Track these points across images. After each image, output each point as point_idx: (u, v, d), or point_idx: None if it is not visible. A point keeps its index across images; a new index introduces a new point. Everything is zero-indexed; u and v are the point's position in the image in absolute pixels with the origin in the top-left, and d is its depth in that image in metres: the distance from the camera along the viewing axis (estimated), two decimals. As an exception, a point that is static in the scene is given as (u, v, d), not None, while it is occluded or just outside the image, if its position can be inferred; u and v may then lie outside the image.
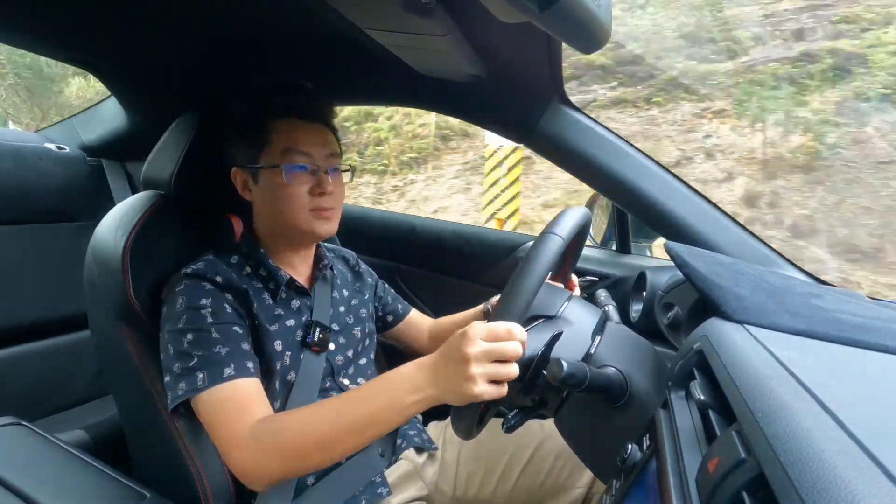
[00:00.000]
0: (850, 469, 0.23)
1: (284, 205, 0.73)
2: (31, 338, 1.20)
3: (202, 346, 0.65)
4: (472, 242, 1.23)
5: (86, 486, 0.62)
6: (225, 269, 0.72)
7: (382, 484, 0.77)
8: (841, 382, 0.36)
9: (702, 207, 0.82)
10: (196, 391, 0.64)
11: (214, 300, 0.69)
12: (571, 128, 0.84)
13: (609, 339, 0.61)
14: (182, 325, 0.66)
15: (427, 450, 0.85)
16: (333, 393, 0.78)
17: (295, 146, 0.73)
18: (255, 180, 0.75)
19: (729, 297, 0.52)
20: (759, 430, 0.29)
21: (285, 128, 0.74)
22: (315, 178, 0.74)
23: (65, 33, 0.92)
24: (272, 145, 0.73)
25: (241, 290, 0.72)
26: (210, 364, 0.64)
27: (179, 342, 0.66)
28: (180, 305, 0.68)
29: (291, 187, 0.72)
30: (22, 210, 1.19)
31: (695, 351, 0.47)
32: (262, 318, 0.72)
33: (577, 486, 0.81)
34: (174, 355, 0.66)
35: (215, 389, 0.64)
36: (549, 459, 0.83)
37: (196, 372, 0.64)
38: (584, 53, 0.55)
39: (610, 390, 0.55)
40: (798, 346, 0.45)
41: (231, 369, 0.65)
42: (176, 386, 0.65)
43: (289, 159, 0.72)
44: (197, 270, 0.71)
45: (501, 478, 0.83)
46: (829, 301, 0.53)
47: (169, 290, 0.70)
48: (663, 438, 0.41)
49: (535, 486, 0.82)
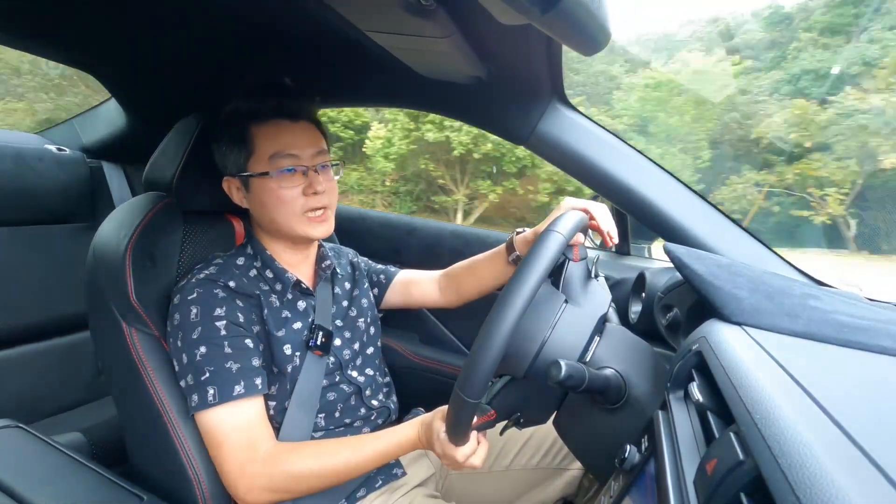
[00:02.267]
0: (848, 470, 0.23)
1: (278, 210, 0.73)
2: (29, 340, 1.19)
3: (214, 361, 0.67)
4: (470, 243, 1.23)
5: (83, 489, 0.62)
6: (236, 274, 0.73)
7: (397, 465, 0.80)
8: (839, 384, 0.36)
9: (701, 209, 0.82)
10: (206, 406, 0.66)
11: (228, 309, 0.69)
12: (571, 129, 0.84)
13: (608, 340, 0.61)
14: (196, 335, 0.67)
15: None
16: (343, 387, 0.79)
17: (282, 150, 0.72)
18: (246, 189, 0.75)
19: (727, 299, 0.52)
20: (758, 431, 0.29)
21: (271, 131, 0.72)
22: (306, 178, 0.73)
23: (65, 35, 0.92)
24: (259, 152, 0.72)
25: (252, 296, 0.72)
26: (221, 381, 0.66)
27: (193, 354, 0.67)
28: (195, 316, 0.68)
29: (283, 191, 0.72)
30: (22, 211, 1.19)
31: (693, 352, 0.47)
32: (271, 324, 0.73)
33: (572, 468, 0.85)
34: (187, 365, 0.67)
35: (224, 407, 0.66)
36: (546, 441, 0.87)
37: (207, 387, 0.66)
38: (584, 55, 0.55)
39: (608, 392, 0.55)
40: (796, 347, 0.45)
41: (241, 387, 0.67)
42: (192, 395, 0.67)
43: (277, 164, 0.71)
44: (210, 275, 0.71)
45: (498, 457, 0.87)
46: (827, 302, 0.54)
47: (182, 298, 0.69)
48: (662, 440, 0.41)
49: (532, 466, 0.86)
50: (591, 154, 0.83)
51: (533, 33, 0.68)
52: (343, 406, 0.80)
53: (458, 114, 0.97)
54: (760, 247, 0.81)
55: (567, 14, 0.43)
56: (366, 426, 0.82)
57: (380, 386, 0.86)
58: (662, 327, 0.76)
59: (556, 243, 0.55)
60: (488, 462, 0.86)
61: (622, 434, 0.54)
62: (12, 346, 1.16)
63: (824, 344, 0.46)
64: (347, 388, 0.80)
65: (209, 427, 0.66)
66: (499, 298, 0.51)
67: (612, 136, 0.85)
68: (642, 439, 0.46)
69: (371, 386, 0.84)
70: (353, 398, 0.81)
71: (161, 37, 0.88)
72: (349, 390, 0.80)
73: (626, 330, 0.66)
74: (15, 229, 1.18)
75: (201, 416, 0.66)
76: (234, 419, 0.66)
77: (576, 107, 0.86)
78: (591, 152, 0.83)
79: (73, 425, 1.14)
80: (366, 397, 0.82)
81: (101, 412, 1.23)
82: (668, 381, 0.49)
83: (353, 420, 0.80)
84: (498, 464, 0.87)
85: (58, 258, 1.24)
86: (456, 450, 0.61)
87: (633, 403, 0.56)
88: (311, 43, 0.88)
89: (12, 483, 0.59)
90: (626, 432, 0.53)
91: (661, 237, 0.84)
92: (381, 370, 0.89)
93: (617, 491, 0.46)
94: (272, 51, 0.92)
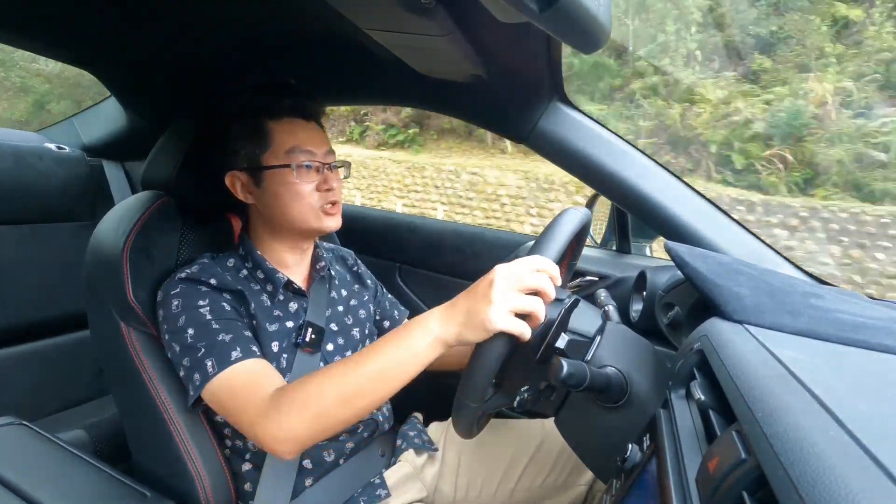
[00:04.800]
0: (850, 469, 0.23)
1: (293, 204, 0.73)
2: (32, 338, 1.20)
3: (205, 336, 0.65)
4: (472, 242, 1.23)
5: (86, 486, 0.62)
6: (220, 272, 0.72)
7: (381, 486, 0.76)
8: (841, 382, 0.36)
9: (702, 207, 0.82)
10: (208, 379, 0.63)
11: (212, 300, 0.69)
12: (571, 128, 0.84)
13: (609, 339, 0.61)
14: (182, 323, 0.66)
15: (427, 451, 0.84)
16: None
17: (300, 145, 0.73)
18: (256, 183, 0.75)
19: (729, 297, 0.52)
20: (760, 429, 0.29)
21: (288, 127, 0.74)
22: (320, 175, 0.75)
23: (64, 33, 0.92)
24: (275, 146, 0.73)
25: (236, 291, 0.72)
26: (216, 351, 0.65)
27: (182, 339, 0.66)
28: (177, 307, 0.67)
29: (300, 185, 0.72)
30: (22, 210, 1.19)
31: (695, 351, 0.47)
32: (261, 318, 0.72)
33: (578, 485, 0.81)
34: (181, 352, 0.66)
35: (226, 373, 0.63)
36: (550, 459, 0.82)
37: (205, 360, 0.64)
38: (583, 53, 0.55)
39: (610, 390, 0.56)
40: (798, 345, 0.45)
41: (238, 352, 0.65)
42: (192, 378, 0.65)
43: (296, 158, 0.72)
44: (191, 274, 0.70)
45: (503, 479, 0.83)
46: (828, 301, 0.53)
47: (164, 294, 0.70)
48: (663, 438, 0.41)
49: (536, 486, 0.82)
50: (591, 152, 0.83)
51: (532, 31, 0.68)
52: None
53: (458, 112, 0.97)
54: (761, 245, 0.81)
55: (565, 12, 0.43)
56: (350, 440, 0.78)
57: None
58: (664, 326, 0.76)
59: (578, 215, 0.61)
60: (492, 487, 0.82)
61: (624, 433, 0.54)
62: (15, 344, 1.17)
63: (826, 342, 0.46)
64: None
65: (217, 396, 0.64)
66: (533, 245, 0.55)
67: (613, 135, 0.85)
68: (644, 438, 0.46)
69: None
70: None
71: (161, 35, 0.88)
72: None
73: (628, 328, 0.66)
74: (16, 228, 1.19)
75: (207, 392, 0.64)
76: (238, 379, 0.64)
77: (576, 105, 0.86)
78: (592, 151, 0.83)
79: (77, 423, 1.15)
80: None
81: (104, 409, 1.23)
82: (670, 379, 0.49)
83: (338, 433, 0.75)
84: (502, 488, 0.83)
85: (59, 256, 1.24)
86: (529, 257, 0.54)
87: (634, 402, 0.56)
88: (311, 41, 0.88)
89: (16, 480, 0.59)
90: (628, 431, 0.54)
91: (662, 235, 0.84)
92: None
93: (618, 490, 0.46)
94: (271, 49, 0.92)
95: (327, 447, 0.75)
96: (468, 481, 0.83)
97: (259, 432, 0.60)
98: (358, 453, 0.79)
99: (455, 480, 0.83)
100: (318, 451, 0.74)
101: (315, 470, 0.74)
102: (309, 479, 0.73)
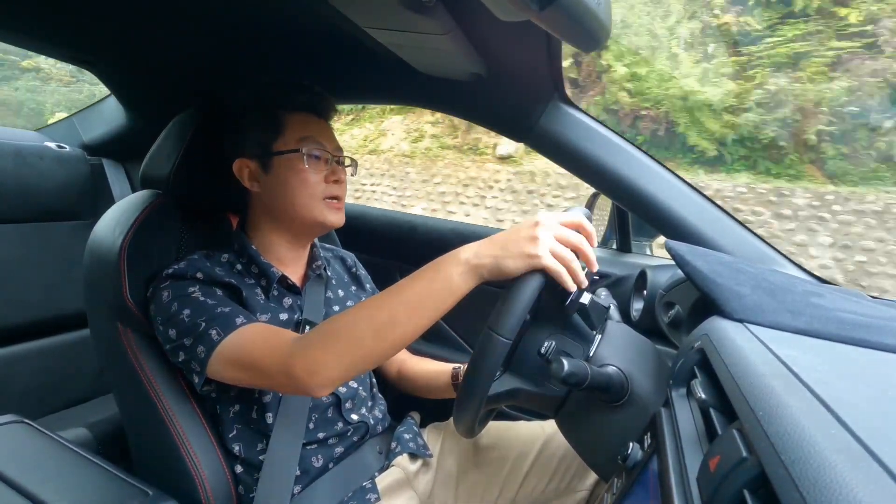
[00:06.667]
0: (852, 467, 0.23)
1: (300, 191, 0.73)
2: (34, 336, 1.20)
3: (204, 312, 0.64)
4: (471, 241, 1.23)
5: (89, 484, 0.62)
6: (209, 267, 0.71)
7: (372, 490, 0.75)
8: (842, 381, 0.36)
9: (702, 206, 0.82)
10: (214, 346, 0.62)
11: (202, 287, 0.68)
12: (571, 126, 0.84)
13: (610, 337, 0.61)
14: (175, 308, 0.66)
15: (421, 456, 0.82)
16: (331, 406, 0.76)
17: (313, 136, 0.75)
18: (265, 169, 0.74)
19: (730, 296, 0.52)
20: (761, 428, 0.29)
21: (302, 120, 0.76)
22: (329, 166, 0.76)
23: (64, 32, 0.92)
24: (288, 134, 0.74)
25: (228, 284, 0.71)
26: (219, 321, 0.64)
27: (178, 323, 0.65)
28: (167, 297, 0.67)
29: (308, 173, 0.73)
30: (22, 209, 1.19)
31: (696, 349, 0.47)
32: (253, 308, 0.71)
33: (580, 489, 0.79)
34: (178, 335, 0.65)
35: (234, 335, 0.63)
36: (552, 463, 0.81)
37: (209, 331, 0.63)
38: (583, 52, 0.55)
39: (611, 389, 0.56)
40: (799, 344, 0.45)
41: (241, 318, 0.65)
42: (196, 353, 0.63)
43: (307, 146, 0.74)
44: (178, 270, 0.70)
45: (504, 486, 0.80)
46: (829, 300, 0.53)
47: (153, 290, 0.69)
48: (664, 437, 0.41)
49: (539, 491, 0.80)
50: (592, 151, 0.83)
51: (532, 30, 0.68)
52: (318, 418, 0.75)
53: (459, 111, 0.97)
54: (762, 244, 0.81)
55: (565, 11, 0.43)
56: (340, 444, 0.77)
57: (362, 400, 0.81)
58: (664, 324, 0.76)
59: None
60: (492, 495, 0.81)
61: (625, 431, 0.54)
62: (17, 343, 1.17)
63: (827, 341, 0.46)
64: (325, 398, 0.75)
65: (231, 358, 0.62)
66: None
67: (613, 134, 0.84)
68: (645, 437, 0.46)
69: (352, 398, 0.79)
70: (330, 410, 0.76)
71: (160, 34, 0.88)
72: (327, 401, 0.75)
73: (628, 327, 0.66)
74: (16, 226, 1.19)
75: (214, 360, 0.62)
76: (251, 334, 0.62)
77: (576, 104, 0.86)
78: (592, 149, 0.83)
79: (79, 421, 1.15)
80: (345, 410, 0.77)
81: (107, 408, 1.24)
82: (671, 378, 0.49)
83: (328, 436, 0.75)
84: (503, 496, 0.81)
85: (60, 255, 1.25)
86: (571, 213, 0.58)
87: (635, 401, 0.56)
88: (311, 40, 0.88)
89: (19, 478, 0.59)
90: (629, 430, 0.54)
91: (663, 234, 0.84)
92: (366, 383, 0.84)
93: (620, 488, 0.47)
94: (271, 48, 0.92)
95: (316, 453, 0.74)
96: (469, 490, 0.81)
97: (291, 370, 0.58)
98: (348, 458, 0.78)
99: (455, 490, 0.81)
100: (306, 456, 0.73)
101: (302, 477, 0.72)
102: (297, 487, 0.72)
